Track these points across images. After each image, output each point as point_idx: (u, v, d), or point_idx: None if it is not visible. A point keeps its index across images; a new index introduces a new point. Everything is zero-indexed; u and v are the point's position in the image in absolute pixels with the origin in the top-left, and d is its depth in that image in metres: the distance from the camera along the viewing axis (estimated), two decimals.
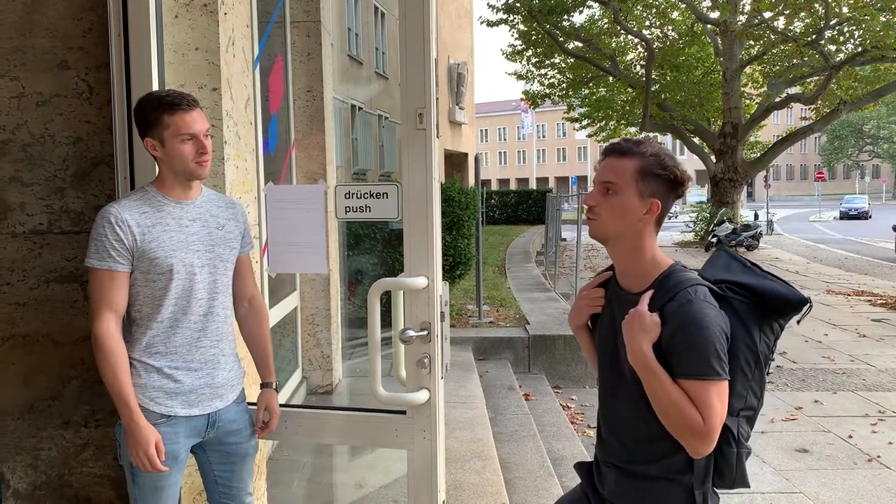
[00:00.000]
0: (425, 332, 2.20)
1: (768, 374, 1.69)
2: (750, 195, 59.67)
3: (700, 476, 1.62)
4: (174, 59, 2.47)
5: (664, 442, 1.61)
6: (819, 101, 22.00)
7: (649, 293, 1.64)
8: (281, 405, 2.36)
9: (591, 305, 1.82)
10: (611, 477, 1.77)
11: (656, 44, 23.13)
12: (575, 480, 4.33)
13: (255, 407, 2.32)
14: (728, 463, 1.62)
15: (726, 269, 1.72)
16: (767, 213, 29.89)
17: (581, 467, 1.94)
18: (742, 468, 1.64)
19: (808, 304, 1.63)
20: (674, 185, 1.64)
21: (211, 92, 2.51)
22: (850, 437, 5.46)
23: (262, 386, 2.32)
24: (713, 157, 23.02)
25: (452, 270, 7.98)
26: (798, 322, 1.75)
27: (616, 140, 1.71)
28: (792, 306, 1.62)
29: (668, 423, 1.57)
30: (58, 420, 2.45)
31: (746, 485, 1.66)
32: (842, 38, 20.16)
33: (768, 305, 1.62)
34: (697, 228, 23.37)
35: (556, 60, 25.40)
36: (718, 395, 1.53)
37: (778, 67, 22.16)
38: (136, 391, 2.00)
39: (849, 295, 12.25)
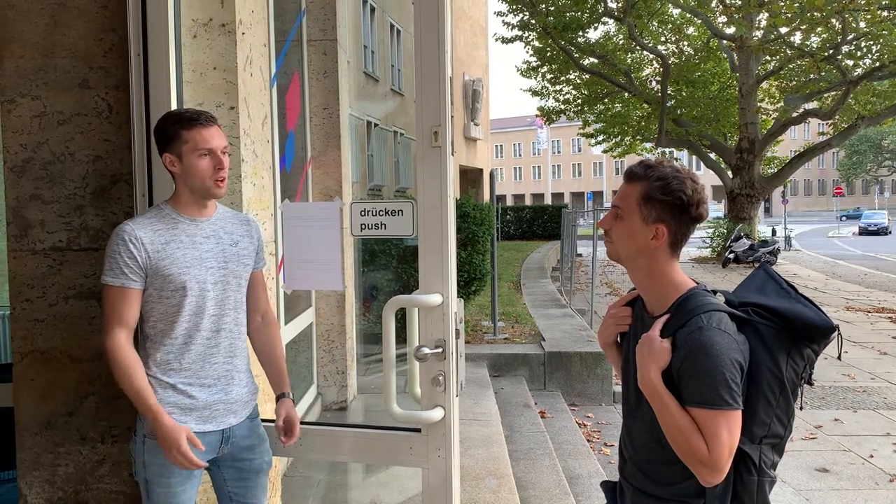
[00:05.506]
0: (440, 350, 2.20)
1: (801, 404, 1.65)
2: (767, 211, 59.29)
3: (713, 503, 1.58)
4: (192, 79, 2.51)
5: (678, 466, 1.58)
6: (836, 117, 21.90)
7: (663, 318, 1.62)
8: None
9: (617, 324, 1.81)
10: (629, 497, 1.76)
11: (672, 59, 23.13)
12: (591, 499, 4.30)
13: (270, 424, 2.32)
14: (748, 491, 1.57)
15: (760, 290, 1.67)
16: (785, 228, 29.68)
17: (606, 486, 1.93)
18: (764, 497, 1.59)
19: (837, 333, 1.58)
20: (682, 209, 1.60)
21: (229, 110, 2.54)
22: (871, 456, 5.38)
23: (278, 398, 2.29)
24: (730, 173, 22.91)
25: (467, 286, 7.97)
26: (839, 357, 1.70)
27: (633, 164, 1.70)
28: (820, 333, 1.57)
29: (676, 450, 1.56)
30: (75, 436, 2.46)
31: None
32: (859, 53, 20.08)
33: (796, 331, 1.57)
34: (714, 244, 23.20)
35: (572, 76, 25.42)
36: (727, 425, 1.50)
37: (795, 83, 22.12)
38: None
39: (869, 312, 12.10)
